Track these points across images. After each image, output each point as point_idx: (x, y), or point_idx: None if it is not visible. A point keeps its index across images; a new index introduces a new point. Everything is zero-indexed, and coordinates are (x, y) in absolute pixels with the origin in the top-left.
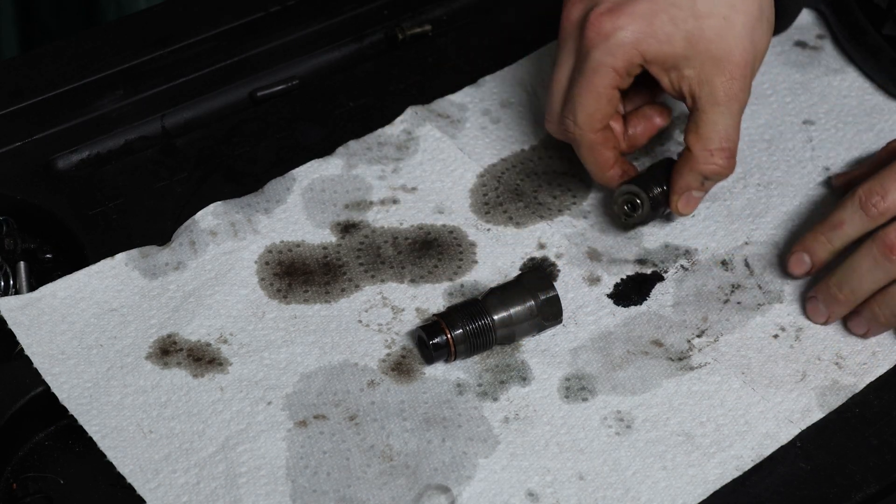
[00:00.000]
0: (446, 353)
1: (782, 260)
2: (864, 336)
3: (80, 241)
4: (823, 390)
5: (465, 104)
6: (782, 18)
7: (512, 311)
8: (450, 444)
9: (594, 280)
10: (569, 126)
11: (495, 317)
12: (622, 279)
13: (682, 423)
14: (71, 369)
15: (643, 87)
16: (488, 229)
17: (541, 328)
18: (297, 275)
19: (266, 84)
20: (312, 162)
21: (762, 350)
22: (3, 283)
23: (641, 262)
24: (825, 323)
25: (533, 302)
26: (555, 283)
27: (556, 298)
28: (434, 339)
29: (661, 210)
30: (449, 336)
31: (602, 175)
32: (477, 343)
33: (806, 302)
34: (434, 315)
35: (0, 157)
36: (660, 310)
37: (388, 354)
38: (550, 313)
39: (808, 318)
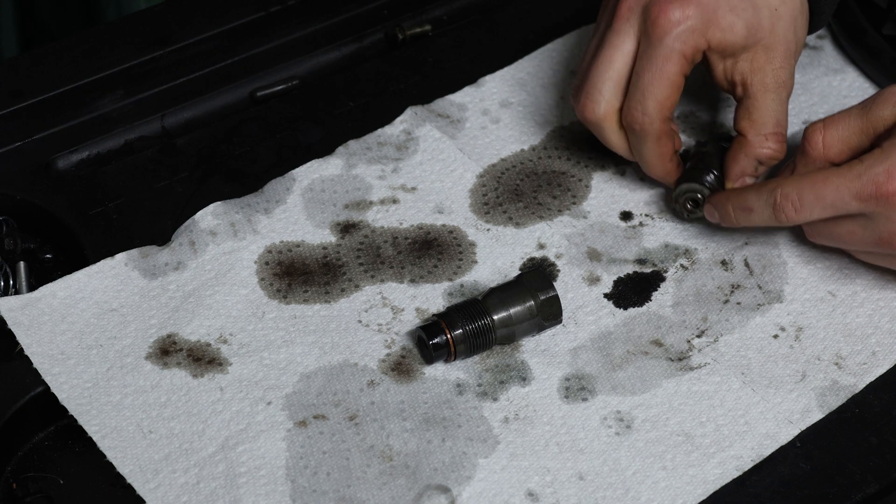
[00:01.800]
0: (446, 353)
1: (782, 260)
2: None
3: (80, 241)
4: (823, 390)
5: (465, 104)
6: (816, 16)
7: (512, 311)
8: (450, 444)
9: (594, 280)
10: (636, 116)
11: (495, 317)
12: (622, 279)
13: (681, 424)
14: (71, 369)
15: None
16: (488, 229)
17: (541, 328)
18: (296, 275)
19: (266, 84)
20: (312, 162)
21: (762, 350)
22: (3, 283)
23: (641, 262)
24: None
25: (533, 302)
26: (555, 284)
27: (556, 298)
28: (434, 339)
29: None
30: (449, 336)
31: (662, 167)
32: (477, 343)
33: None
34: (434, 315)
35: (0, 157)
36: (660, 310)
37: (388, 354)
38: (550, 313)
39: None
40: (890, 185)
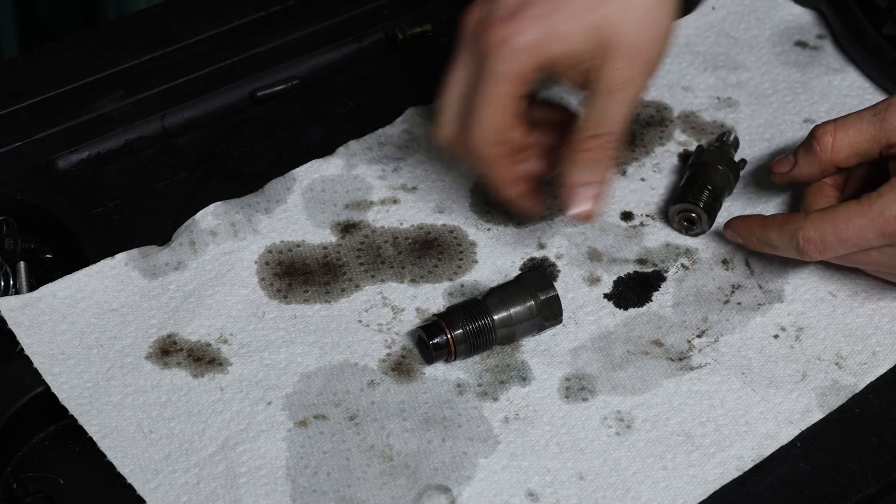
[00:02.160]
0: (446, 353)
1: (783, 260)
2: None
3: (80, 241)
4: (823, 390)
5: None
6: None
7: (512, 310)
8: (450, 444)
9: (594, 280)
10: (467, 142)
11: (495, 317)
12: (622, 279)
13: (682, 423)
14: (71, 369)
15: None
16: (488, 229)
17: (541, 328)
18: (297, 275)
19: (266, 84)
20: (312, 162)
21: (762, 350)
22: (3, 283)
23: (642, 261)
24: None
25: (533, 302)
26: (555, 284)
27: (556, 298)
28: (434, 339)
29: (721, 204)
30: (449, 336)
31: (505, 192)
32: (477, 343)
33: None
34: (434, 315)
35: (0, 157)
36: (660, 310)
37: (388, 354)
38: (550, 313)
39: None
40: None
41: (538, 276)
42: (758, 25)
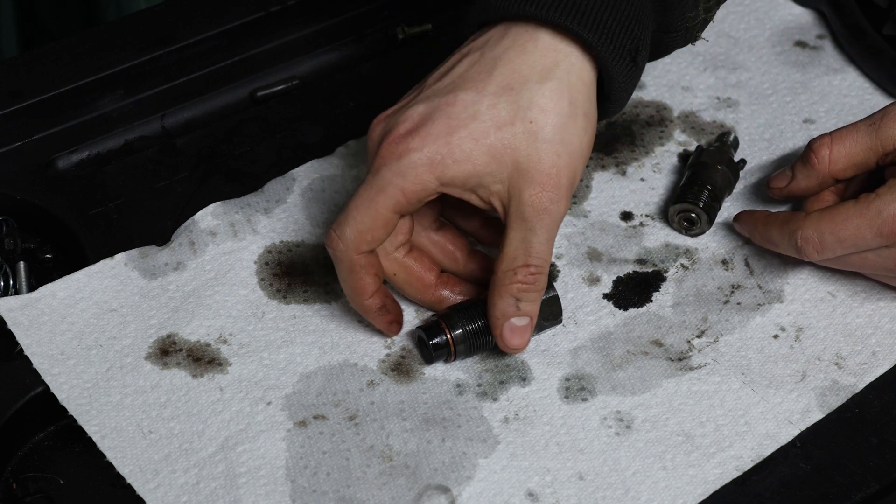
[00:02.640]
0: (446, 353)
1: (783, 260)
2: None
3: (80, 241)
4: (823, 390)
5: None
6: (613, 103)
7: None
8: (449, 445)
9: (594, 280)
10: (332, 238)
11: None
12: (622, 279)
13: (681, 424)
14: (70, 369)
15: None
16: None
17: (541, 328)
18: (296, 275)
19: (266, 84)
20: (312, 162)
21: (762, 350)
22: (2, 283)
23: (641, 261)
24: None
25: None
26: (555, 284)
27: (556, 299)
28: (434, 340)
29: (721, 204)
30: (449, 336)
31: (359, 302)
32: (476, 343)
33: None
34: (434, 315)
35: (0, 157)
36: (660, 310)
37: (388, 355)
38: (550, 313)
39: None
40: None
41: None
42: (758, 25)
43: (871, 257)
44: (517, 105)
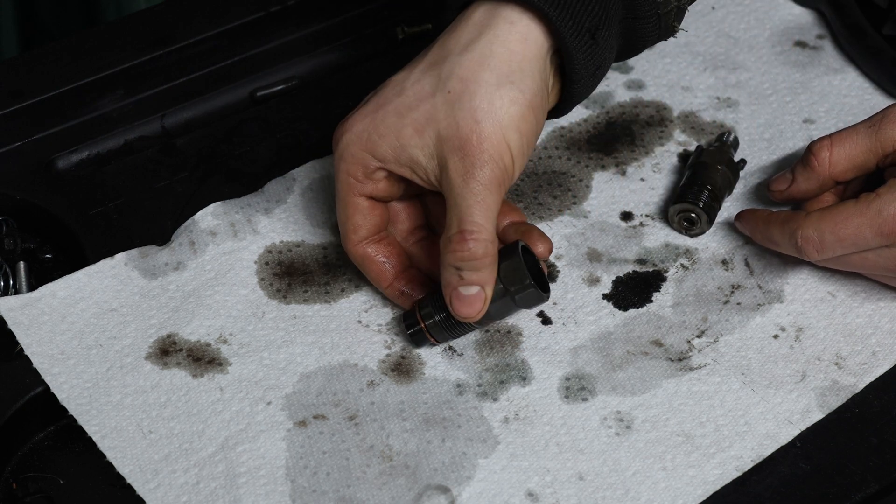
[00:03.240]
0: (422, 337)
1: (783, 260)
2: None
3: (80, 241)
4: (823, 391)
5: None
6: (575, 83)
7: None
8: (449, 445)
9: (594, 280)
10: (343, 243)
11: None
12: (622, 279)
13: (681, 424)
14: (70, 369)
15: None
16: None
17: (515, 303)
18: (296, 275)
19: (266, 84)
20: (312, 162)
21: (762, 350)
22: (2, 283)
23: (641, 261)
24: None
25: (500, 275)
26: (554, 284)
27: (519, 262)
28: (410, 329)
29: (721, 204)
30: (422, 323)
31: (381, 289)
32: (451, 324)
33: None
34: (414, 301)
35: (0, 157)
36: (660, 310)
37: (388, 355)
38: (515, 278)
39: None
40: None
41: (505, 250)
42: (758, 25)
43: (871, 257)
44: (438, 77)
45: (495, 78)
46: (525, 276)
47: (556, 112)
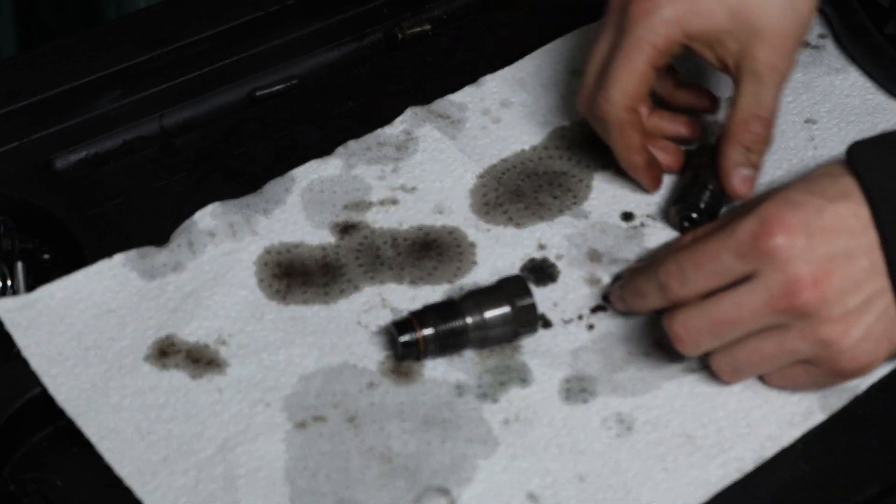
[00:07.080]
0: (416, 351)
1: None
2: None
3: (79, 241)
4: (825, 392)
5: (466, 104)
6: None
7: (487, 315)
8: (449, 446)
9: (594, 281)
10: (600, 103)
11: (469, 320)
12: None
13: (683, 425)
14: (69, 370)
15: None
16: (488, 230)
17: (515, 335)
18: (295, 276)
19: (265, 84)
20: (311, 162)
21: None
22: (0, 284)
23: (642, 262)
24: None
25: (509, 308)
26: (555, 285)
27: (533, 307)
28: (404, 337)
29: (721, 205)
30: (420, 334)
31: (629, 158)
32: (447, 344)
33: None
34: (410, 312)
35: None
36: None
37: (388, 356)
38: (526, 321)
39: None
40: (764, 231)
41: (517, 283)
42: None
43: (761, 346)
44: None
45: None
46: (537, 321)
47: None
